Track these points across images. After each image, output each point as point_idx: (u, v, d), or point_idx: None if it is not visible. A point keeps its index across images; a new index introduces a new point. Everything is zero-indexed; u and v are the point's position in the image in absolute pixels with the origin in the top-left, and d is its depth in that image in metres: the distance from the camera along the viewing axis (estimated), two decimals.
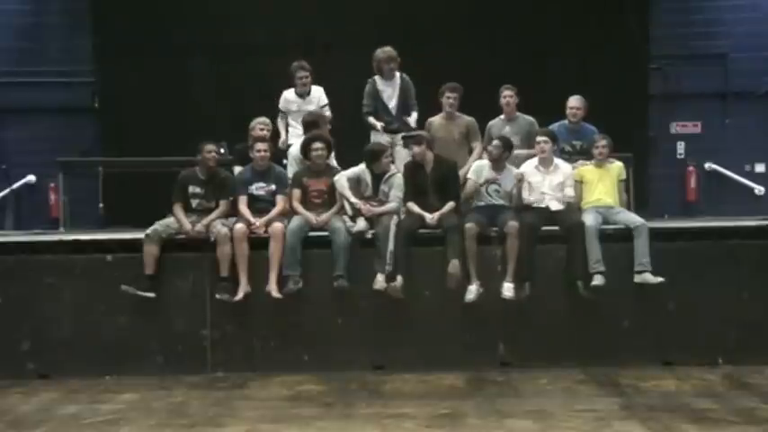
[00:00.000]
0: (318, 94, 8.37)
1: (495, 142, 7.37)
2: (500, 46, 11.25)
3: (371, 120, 8.12)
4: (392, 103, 8.15)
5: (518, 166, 7.48)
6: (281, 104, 8.34)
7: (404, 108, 8.16)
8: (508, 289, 6.91)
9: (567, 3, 11.41)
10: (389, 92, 8.17)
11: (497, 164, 7.31)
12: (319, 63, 8.49)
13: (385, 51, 8.12)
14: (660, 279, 6.82)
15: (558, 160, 7.45)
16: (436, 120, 7.94)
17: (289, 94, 8.35)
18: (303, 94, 8.29)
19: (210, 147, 7.30)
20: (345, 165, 7.68)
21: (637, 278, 6.88)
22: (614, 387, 6.39)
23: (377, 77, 8.20)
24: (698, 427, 5.32)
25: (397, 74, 8.21)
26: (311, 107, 8.20)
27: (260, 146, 7.37)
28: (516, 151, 7.64)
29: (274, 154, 7.62)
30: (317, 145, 7.33)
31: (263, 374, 6.89)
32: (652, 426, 5.34)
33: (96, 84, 11.87)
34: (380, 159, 7.25)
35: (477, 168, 7.36)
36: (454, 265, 6.82)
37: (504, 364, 7.04)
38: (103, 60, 11.67)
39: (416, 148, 7.24)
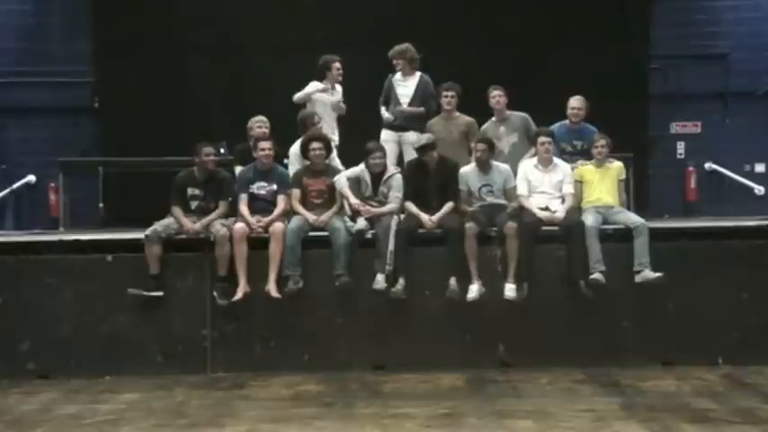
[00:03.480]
0: (340, 94, 8.33)
1: (481, 146, 7.33)
2: (500, 46, 11.25)
3: (382, 112, 8.17)
4: (405, 100, 8.13)
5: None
6: (311, 92, 8.12)
7: (419, 106, 8.12)
8: (510, 290, 6.91)
9: (568, 2, 11.41)
10: (404, 88, 8.16)
11: (484, 165, 7.30)
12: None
13: (406, 47, 8.14)
14: (659, 274, 6.81)
15: (556, 159, 7.45)
16: (436, 120, 7.94)
17: (316, 86, 8.16)
18: (333, 86, 8.23)
19: (209, 150, 7.28)
20: (346, 165, 7.68)
21: (637, 278, 6.88)
22: (614, 387, 6.39)
23: (397, 73, 8.21)
24: (698, 427, 5.32)
25: (418, 73, 8.20)
26: (336, 98, 8.23)
27: (264, 144, 7.35)
28: (525, 159, 7.68)
29: (277, 153, 7.61)
30: (316, 144, 7.33)
31: (263, 374, 6.89)
32: (652, 426, 5.34)
33: (96, 84, 11.87)
34: (368, 157, 7.25)
35: (463, 177, 7.30)
36: (452, 290, 6.85)
37: (504, 364, 7.04)
38: (103, 60, 11.67)
39: (430, 157, 7.22)
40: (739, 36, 12.16)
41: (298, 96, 8.10)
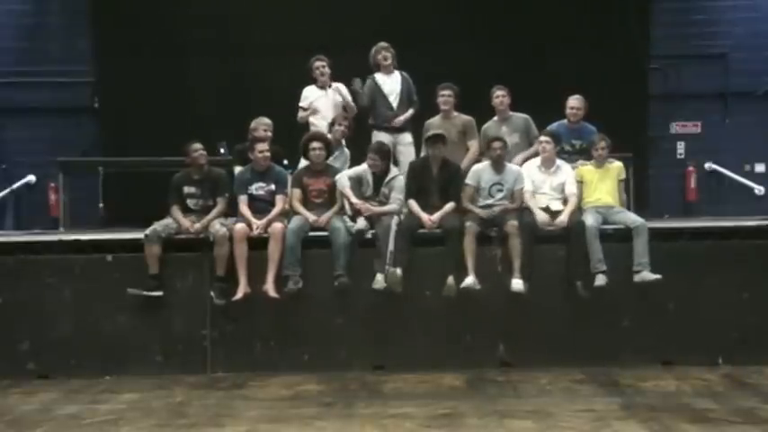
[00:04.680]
0: (343, 89, 8.31)
1: (497, 143, 7.35)
2: (500, 46, 11.24)
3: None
4: (393, 97, 8.16)
5: (519, 164, 7.53)
6: (303, 102, 8.25)
7: (408, 104, 8.19)
8: (517, 284, 6.90)
9: (567, 2, 11.41)
10: (390, 86, 8.18)
11: (498, 164, 7.31)
12: None
13: (378, 44, 8.18)
14: (657, 276, 6.80)
15: (559, 161, 7.45)
16: (434, 120, 7.95)
17: (310, 90, 8.29)
18: (325, 87, 8.27)
19: (197, 146, 7.32)
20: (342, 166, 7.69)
21: (636, 278, 6.88)
22: (614, 387, 6.39)
23: (376, 74, 8.22)
24: (698, 427, 5.32)
25: (396, 71, 8.23)
26: (338, 98, 8.22)
27: (260, 146, 7.35)
28: (519, 156, 7.72)
29: (277, 153, 7.62)
30: (316, 144, 7.33)
31: (263, 374, 6.89)
32: (652, 426, 5.34)
33: (96, 84, 11.86)
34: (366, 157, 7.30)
35: (475, 173, 7.35)
36: (450, 287, 6.84)
37: (504, 364, 7.04)
38: (103, 60, 11.66)
39: (440, 148, 7.25)
40: (739, 36, 12.16)
41: (300, 116, 8.20)
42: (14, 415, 5.97)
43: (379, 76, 8.22)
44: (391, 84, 8.19)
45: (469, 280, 6.87)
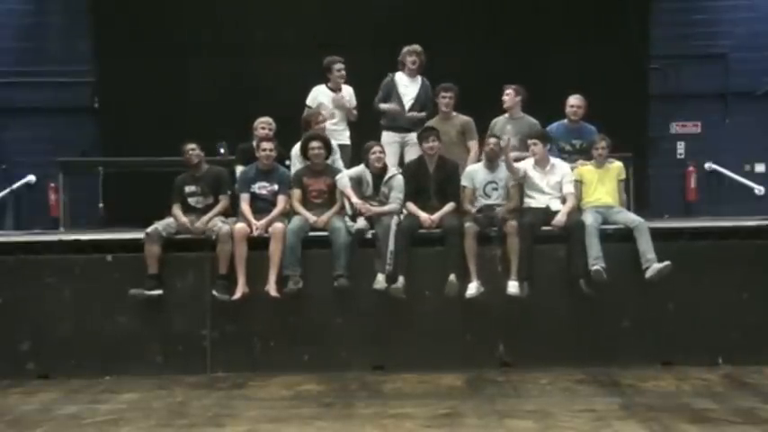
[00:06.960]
0: (350, 93, 8.36)
1: (492, 140, 7.37)
2: (500, 45, 11.26)
3: (383, 105, 8.16)
4: (407, 99, 8.17)
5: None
6: (310, 101, 8.25)
7: (421, 109, 8.18)
8: (513, 286, 6.90)
9: (567, 2, 11.41)
10: (408, 88, 8.19)
11: (493, 163, 7.32)
12: (319, 63, 8.48)
13: (410, 46, 8.18)
14: (667, 262, 6.77)
15: (554, 159, 7.44)
16: (433, 121, 7.96)
17: (321, 90, 8.29)
18: (336, 89, 8.27)
19: (190, 146, 7.36)
20: (348, 167, 7.69)
21: (648, 273, 6.81)
22: (614, 387, 6.39)
23: (398, 73, 8.23)
24: (698, 427, 5.32)
25: (419, 76, 8.24)
26: (345, 102, 8.24)
27: (265, 145, 7.36)
28: (514, 153, 7.69)
29: (281, 154, 7.62)
30: (315, 144, 7.34)
31: (263, 374, 6.89)
32: (652, 426, 5.34)
33: (96, 84, 11.89)
34: (367, 155, 7.27)
35: (469, 174, 7.36)
36: (452, 284, 6.84)
37: (504, 364, 7.04)
38: (103, 60, 11.68)
39: (432, 143, 7.24)
40: (739, 36, 12.19)
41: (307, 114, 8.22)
42: (14, 415, 5.97)
43: (399, 76, 8.23)
44: (410, 86, 8.20)
45: (473, 288, 6.87)
